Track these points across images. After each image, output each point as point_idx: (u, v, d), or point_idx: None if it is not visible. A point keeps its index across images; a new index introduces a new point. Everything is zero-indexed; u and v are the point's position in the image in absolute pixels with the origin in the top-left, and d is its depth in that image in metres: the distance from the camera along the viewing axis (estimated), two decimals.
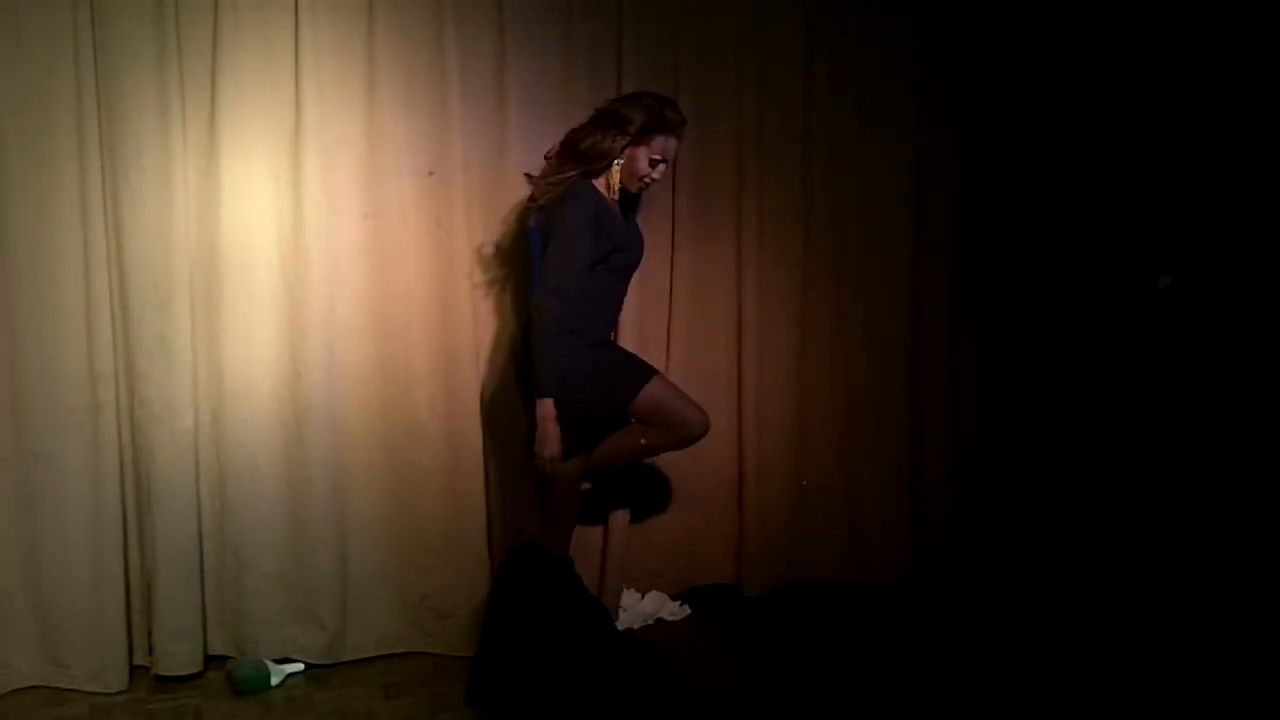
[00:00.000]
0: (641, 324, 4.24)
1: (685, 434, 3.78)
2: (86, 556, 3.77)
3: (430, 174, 3.94)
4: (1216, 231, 4.56)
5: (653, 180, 3.65)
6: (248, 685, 3.85)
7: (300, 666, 3.98)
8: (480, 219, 4.03)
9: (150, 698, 3.81)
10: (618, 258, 3.62)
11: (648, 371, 3.79)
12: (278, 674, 3.91)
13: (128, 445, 3.82)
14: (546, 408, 3.49)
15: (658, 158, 3.62)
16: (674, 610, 4.37)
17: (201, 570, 3.92)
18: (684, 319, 4.35)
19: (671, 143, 3.63)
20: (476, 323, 4.04)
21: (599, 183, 3.63)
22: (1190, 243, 4.63)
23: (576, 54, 4.09)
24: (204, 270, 3.81)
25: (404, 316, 3.97)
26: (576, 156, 3.61)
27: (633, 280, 3.79)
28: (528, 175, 3.74)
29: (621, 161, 3.61)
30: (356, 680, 3.94)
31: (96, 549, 3.77)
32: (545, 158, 3.69)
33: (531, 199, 3.68)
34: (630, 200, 3.73)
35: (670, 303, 4.34)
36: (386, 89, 3.86)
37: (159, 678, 3.87)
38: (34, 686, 3.81)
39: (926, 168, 4.55)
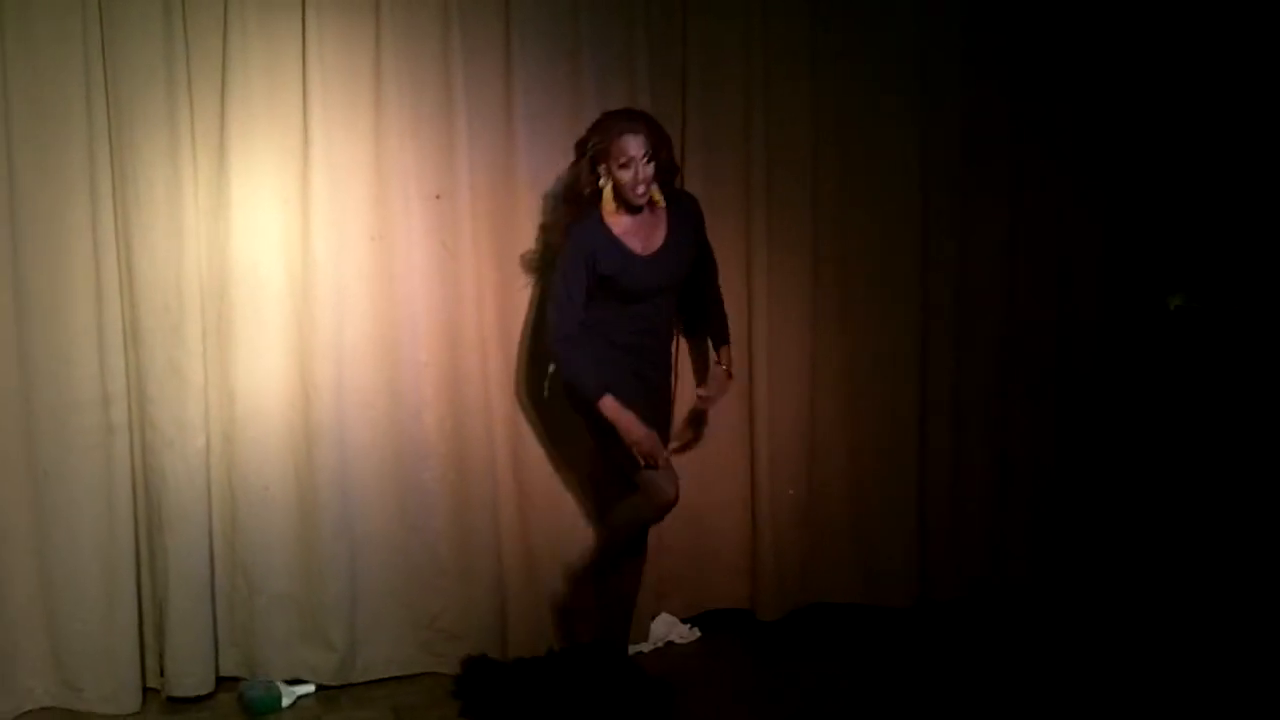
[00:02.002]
0: None
1: (658, 501, 3.76)
2: (99, 578, 3.80)
3: (438, 197, 3.97)
4: (1229, 252, 4.53)
5: (639, 183, 3.64)
6: (259, 707, 3.86)
7: (311, 688, 4.00)
8: (487, 241, 4.04)
9: (161, 717, 3.84)
10: (618, 288, 3.70)
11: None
12: (289, 695, 3.93)
13: (139, 468, 3.85)
14: (608, 408, 3.64)
15: (624, 159, 3.62)
16: (684, 633, 4.36)
17: (213, 591, 3.95)
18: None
19: (629, 141, 3.62)
20: (484, 344, 4.05)
21: (605, 210, 3.70)
22: (1202, 263, 4.60)
23: (584, 76, 4.10)
24: (214, 294, 3.85)
25: (411, 338, 3.99)
26: (564, 200, 3.82)
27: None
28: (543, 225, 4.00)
29: (609, 183, 3.67)
30: (367, 702, 3.95)
31: (110, 571, 3.80)
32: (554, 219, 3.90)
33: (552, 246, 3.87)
34: (683, 222, 3.83)
35: None
36: (393, 112, 3.89)
37: (171, 699, 3.88)
38: (47, 708, 3.83)
39: (933, 178, 4.51)
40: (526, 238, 4.07)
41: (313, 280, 3.87)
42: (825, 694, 3.95)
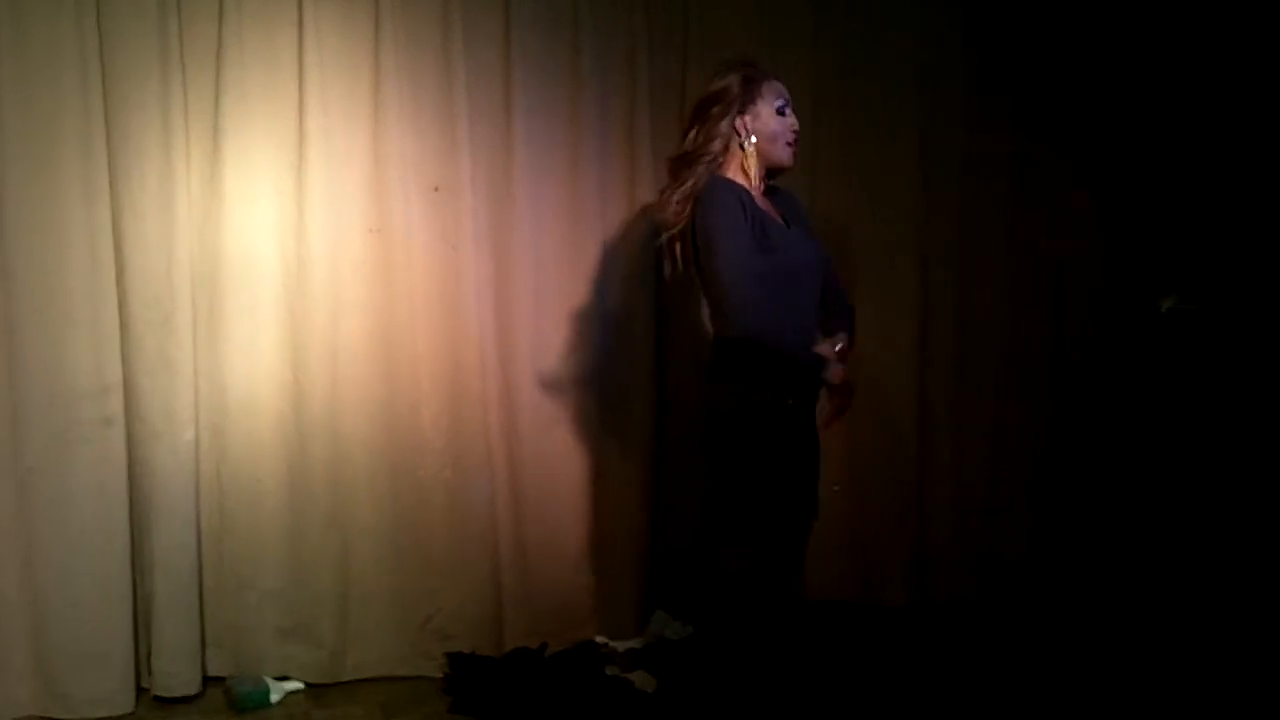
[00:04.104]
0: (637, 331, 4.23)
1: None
2: (93, 577, 3.68)
3: (436, 189, 3.94)
4: (1222, 253, 4.56)
5: (796, 132, 3.08)
6: (246, 702, 3.82)
7: (300, 685, 3.96)
8: (487, 235, 4.02)
9: (149, 716, 3.77)
10: (770, 256, 2.96)
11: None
12: (277, 691, 3.89)
13: (126, 461, 3.75)
14: (836, 373, 3.04)
15: (780, 103, 3.05)
16: (678, 630, 4.34)
17: (201, 588, 3.88)
18: (685, 329, 4.28)
19: (779, 85, 3.07)
20: (483, 339, 4.02)
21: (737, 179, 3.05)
22: (1195, 266, 4.63)
23: (584, 70, 4.09)
24: (206, 284, 3.79)
25: (409, 332, 3.95)
26: (688, 159, 3.05)
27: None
28: (651, 205, 3.33)
29: (752, 141, 3.04)
30: (356, 698, 3.92)
31: (104, 569, 3.70)
32: (660, 193, 3.14)
33: (664, 225, 3.07)
34: (794, 214, 3.18)
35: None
36: (393, 104, 3.86)
37: (158, 699, 3.81)
38: (32, 716, 3.71)
39: (933, 177, 4.53)
40: (527, 231, 4.06)
41: (308, 272, 3.83)
42: (815, 690, 3.96)
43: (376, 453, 3.96)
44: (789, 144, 3.06)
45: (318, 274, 3.82)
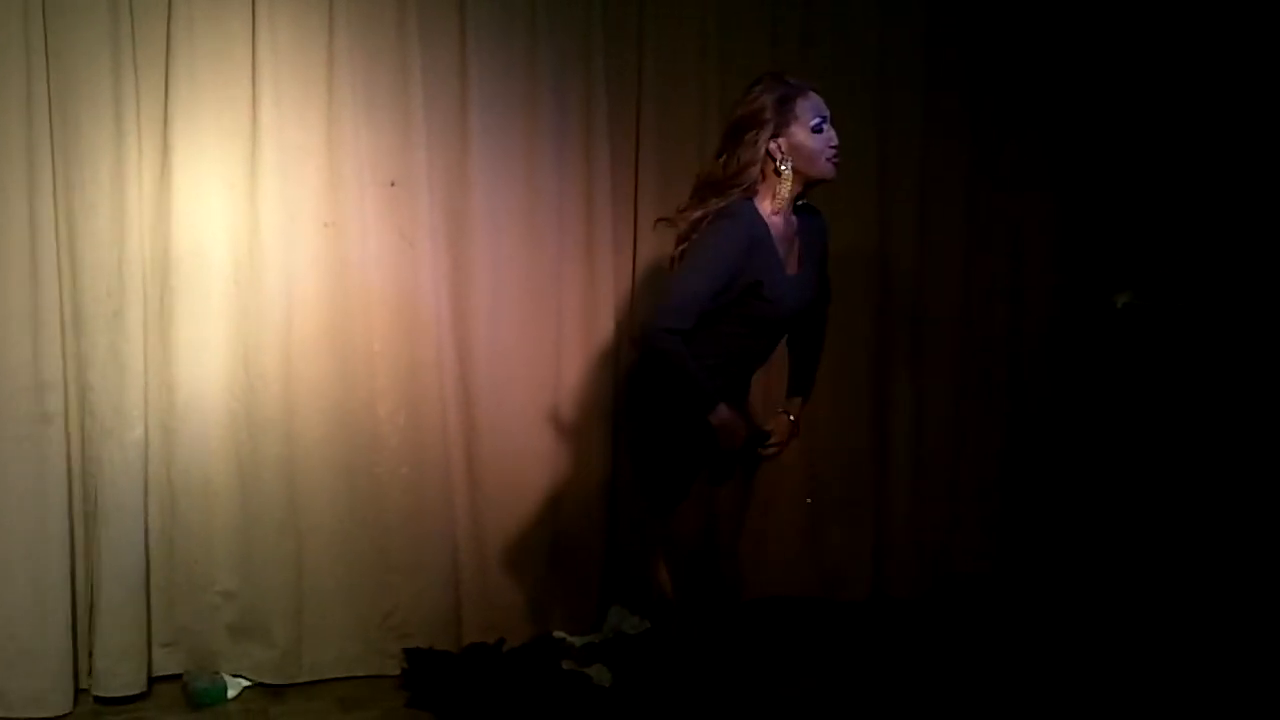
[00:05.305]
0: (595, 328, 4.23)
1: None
2: (28, 574, 3.62)
3: (392, 184, 3.91)
4: (1177, 250, 4.59)
5: (835, 149, 2.97)
6: (203, 698, 3.80)
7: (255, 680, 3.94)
8: (443, 229, 4.00)
9: (100, 710, 3.73)
10: (756, 304, 2.95)
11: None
12: (234, 686, 3.87)
13: (77, 458, 3.72)
14: (720, 414, 2.97)
15: (817, 120, 2.94)
16: (635, 624, 4.35)
17: (148, 587, 3.83)
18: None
19: (816, 100, 2.95)
20: (439, 334, 4.00)
21: (763, 206, 2.98)
22: (1150, 262, 4.66)
23: (540, 66, 4.07)
24: (158, 280, 3.74)
25: (364, 329, 3.92)
26: (719, 187, 2.96)
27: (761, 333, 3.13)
28: (662, 219, 3.14)
29: (787, 163, 2.94)
30: (314, 694, 3.91)
31: (40, 565, 3.63)
32: (678, 210, 3.05)
33: (680, 237, 3.01)
34: (811, 243, 3.16)
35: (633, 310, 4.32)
36: (348, 99, 3.82)
37: (100, 699, 3.75)
38: None
39: (891, 177, 4.54)
40: (484, 227, 4.04)
41: (261, 267, 3.78)
42: (773, 685, 3.98)
43: (332, 450, 3.92)
44: (829, 160, 2.97)
45: (271, 269, 3.78)
